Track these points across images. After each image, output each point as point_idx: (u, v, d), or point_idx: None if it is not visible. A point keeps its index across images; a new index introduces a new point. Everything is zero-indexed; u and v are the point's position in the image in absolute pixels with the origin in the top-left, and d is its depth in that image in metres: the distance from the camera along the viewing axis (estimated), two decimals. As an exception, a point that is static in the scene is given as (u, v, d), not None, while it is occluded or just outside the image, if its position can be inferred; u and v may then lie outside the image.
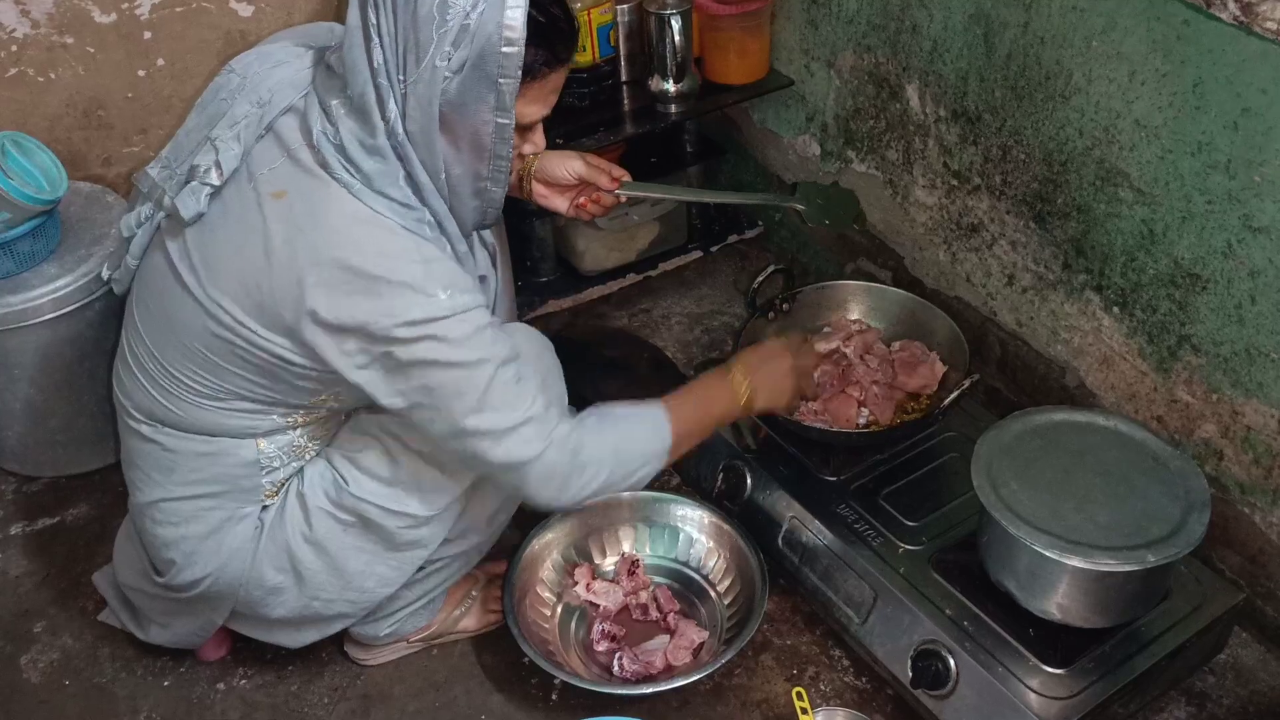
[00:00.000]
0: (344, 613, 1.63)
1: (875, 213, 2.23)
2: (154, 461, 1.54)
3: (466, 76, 1.28)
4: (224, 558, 1.55)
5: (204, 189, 1.39)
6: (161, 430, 1.52)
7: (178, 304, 1.43)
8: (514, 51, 1.27)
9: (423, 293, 1.33)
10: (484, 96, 1.30)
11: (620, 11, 2.19)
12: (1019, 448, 1.58)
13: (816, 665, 1.77)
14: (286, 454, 1.54)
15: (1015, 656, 1.55)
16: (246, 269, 1.36)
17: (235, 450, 1.51)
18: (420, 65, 1.27)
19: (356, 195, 1.33)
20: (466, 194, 1.40)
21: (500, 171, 1.38)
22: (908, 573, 1.66)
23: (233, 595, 1.59)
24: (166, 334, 1.46)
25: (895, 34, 1.99)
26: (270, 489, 1.56)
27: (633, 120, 2.23)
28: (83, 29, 2.14)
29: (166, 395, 1.49)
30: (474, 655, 1.82)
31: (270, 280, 1.35)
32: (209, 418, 1.49)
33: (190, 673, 1.80)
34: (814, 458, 1.84)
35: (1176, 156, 1.58)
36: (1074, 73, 1.68)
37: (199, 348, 1.43)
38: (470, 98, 1.30)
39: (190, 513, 1.54)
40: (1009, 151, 1.85)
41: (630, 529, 1.88)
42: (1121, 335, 1.78)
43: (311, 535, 1.54)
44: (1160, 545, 1.43)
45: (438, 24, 1.25)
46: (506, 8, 1.25)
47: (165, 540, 1.56)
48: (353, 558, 1.56)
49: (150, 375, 1.49)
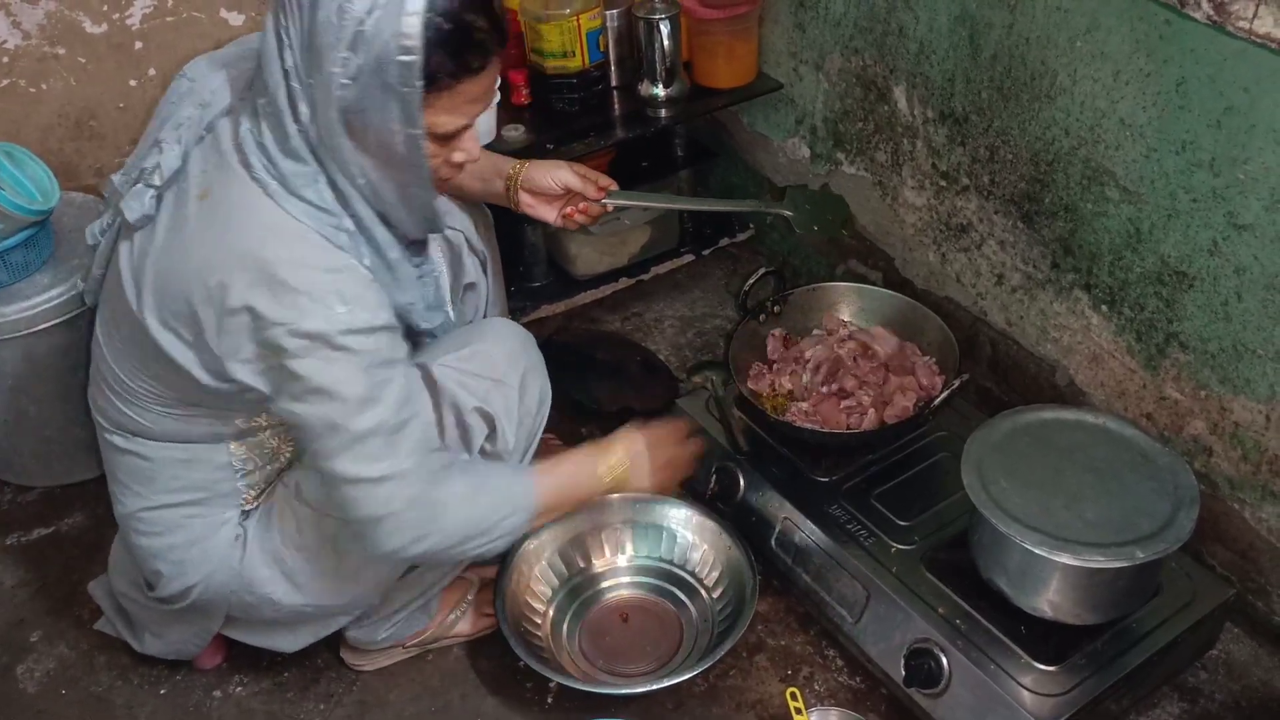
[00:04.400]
0: (338, 614, 1.64)
1: (865, 214, 2.24)
2: (132, 472, 1.55)
3: (364, 84, 1.24)
4: (212, 565, 1.55)
5: (148, 191, 1.38)
6: (135, 440, 1.52)
7: (125, 312, 1.42)
8: (412, 60, 1.22)
9: (320, 303, 1.29)
10: (386, 105, 1.25)
11: (609, 17, 2.20)
12: (1009, 446, 1.58)
13: (811, 665, 1.78)
14: (260, 456, 1.54)
15: (1007, 654, 1.55)
16: (171, 273, 1.36)
17: (209, 455, 1.51)
18: (321, 70, 1.24)
19: (272, 196, 1.31)
20: (394, 201, 1.36)
21: (423, 180, 1.34)
22: (900, 572, 1.67)
23: (224, 602, 1.59)
24: (120, 343, 1.46)
25: (882, 36, 2.00)
26: (249, 492, 1.56)
27: (623, 125, 2.24)
28: (74, 40, 2.14)
29: (131, 406, 1.49)
30: (469, 660, 1.82)
31: (188, 281, 1.33)
32: (174, 426, 1.49)
33: (186, 681, 1.80)
34: (806, 459, 1.85)
35: (1161, 155, 1.59)
36: (1059, 73, 1.69)
37: (149, 359, 1.43)
38: (371, 106, 1.25)
39: (173, 521, 1.55)
40: (996, 152, 1.86)
41: (620, 530, 1.89)
42: (1110, 333, 1.79)
43: (302, 541, 1.55)
44: (1149, 541, 1.44)
45: (335, 29, 1.22)
46: (403, 14, 1.21)
47: (151, 551, 1.57)
48: (345, 557, 1.56)
49: (113, 387, 1.49)
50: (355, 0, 1.21)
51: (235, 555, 1.56)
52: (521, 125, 2.18)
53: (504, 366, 1.58)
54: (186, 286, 1.34)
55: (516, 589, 1.80)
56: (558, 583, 1.85)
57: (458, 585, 1.82)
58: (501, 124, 2.18)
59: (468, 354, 1.56)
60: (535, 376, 1.62)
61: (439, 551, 1.46)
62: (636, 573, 1.89)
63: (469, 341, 1.58)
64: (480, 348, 1.57)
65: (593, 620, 1.84)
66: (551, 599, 1.84)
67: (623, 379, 2.22)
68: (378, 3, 1.21)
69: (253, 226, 1.31)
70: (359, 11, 1.21)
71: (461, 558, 1.53)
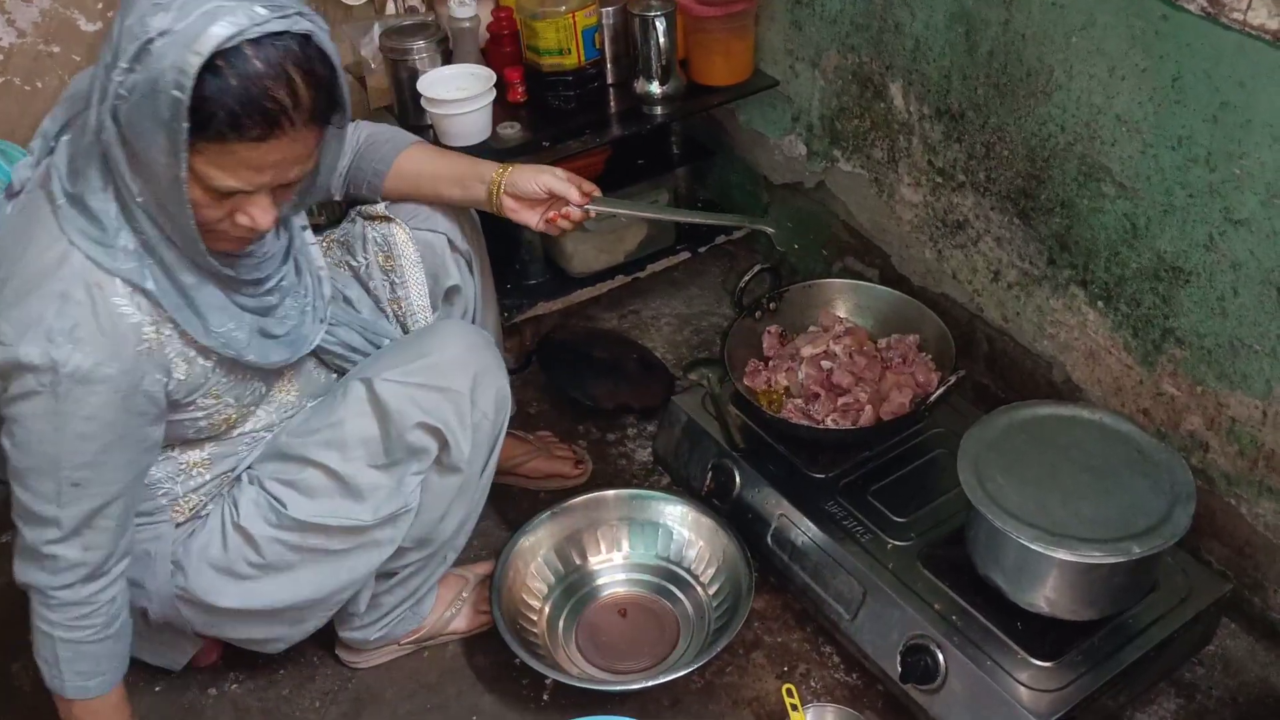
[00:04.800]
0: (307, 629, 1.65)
1: (862, 211, 2.23)
2: None
3: (136, 103, 1.17)
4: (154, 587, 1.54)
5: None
6: None
7: None
8: (181, 98, 1.14)
9: (45, 339, 1.23)
10: (154, 135, 1.17)
11: (605, 14, 2.20)
12: (1005, 443, 1.58)
13: (807, 662, 1.78)
14: (173, 475, 1.51)
15: (1004, 650, 1.55)
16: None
17: None
18: (109, 72, 1.18)
19: (56, 210, 1.27)
20: (168, 226, 1.27)
21: (185, 222, 1.24)
22: (896, 568, 1.67)
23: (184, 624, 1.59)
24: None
25: (878, 33, 2.00)
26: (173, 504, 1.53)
27: (619, 122, 2.23)
28: (69, 37, 2.14)
29: None
30: (465, 656, 1.82)
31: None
32: None
33: (182, 678, 1.80)
34: (802, 455, 1.84)
35: (1157, 151, 1.59)
36: (1055, 69, 1.69)
37: None
38: (139, 128, 1.18)
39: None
40: (992, 148, 1.86)
41: (615, 527, 1.88)
42: (1107, 329, 1.79)
43: (262, 560, 1.53)
44: (1145, 537, 1.44)
45: (131, 37, 1.15)
46: (190, 50, 1.13)
47: None
48: (307, 575, 1.55)
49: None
50: (157, 16, 1.15)
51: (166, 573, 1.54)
52: (517, 123, 2.18)
53: (452, 373, 1.52)
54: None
55: (512, 586, 1.80)
56: (554, 579, 1.85)
57: (453, 582, 1.82)
58: (497, 121, 2.17)
59: (415, 366, 1.51)
60: (489, 378, 1.56)
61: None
62: (633, 570, 1.89)
63: (417, 351, 1.55)
64: (428, 357, 1.53)
65: (589, 617, 1.84)
66: (547, 596, 1.84)
67: (619, 376, 2.22)
68: (174, 28, 1.14)
69: (19, 239, 1.28)
70: (155, 28, 1.14)
71: None
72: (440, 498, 1.59)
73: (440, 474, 1.57)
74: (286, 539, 1.53)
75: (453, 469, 1.57)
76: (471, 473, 1.59)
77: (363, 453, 1.51)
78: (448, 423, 1.52)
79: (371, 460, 1.51)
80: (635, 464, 2.14)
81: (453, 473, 1.57)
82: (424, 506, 1.58)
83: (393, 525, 1.56)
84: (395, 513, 1.55)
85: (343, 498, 1.52)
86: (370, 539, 1.56)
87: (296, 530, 1.53)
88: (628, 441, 2.19)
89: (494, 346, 1.62)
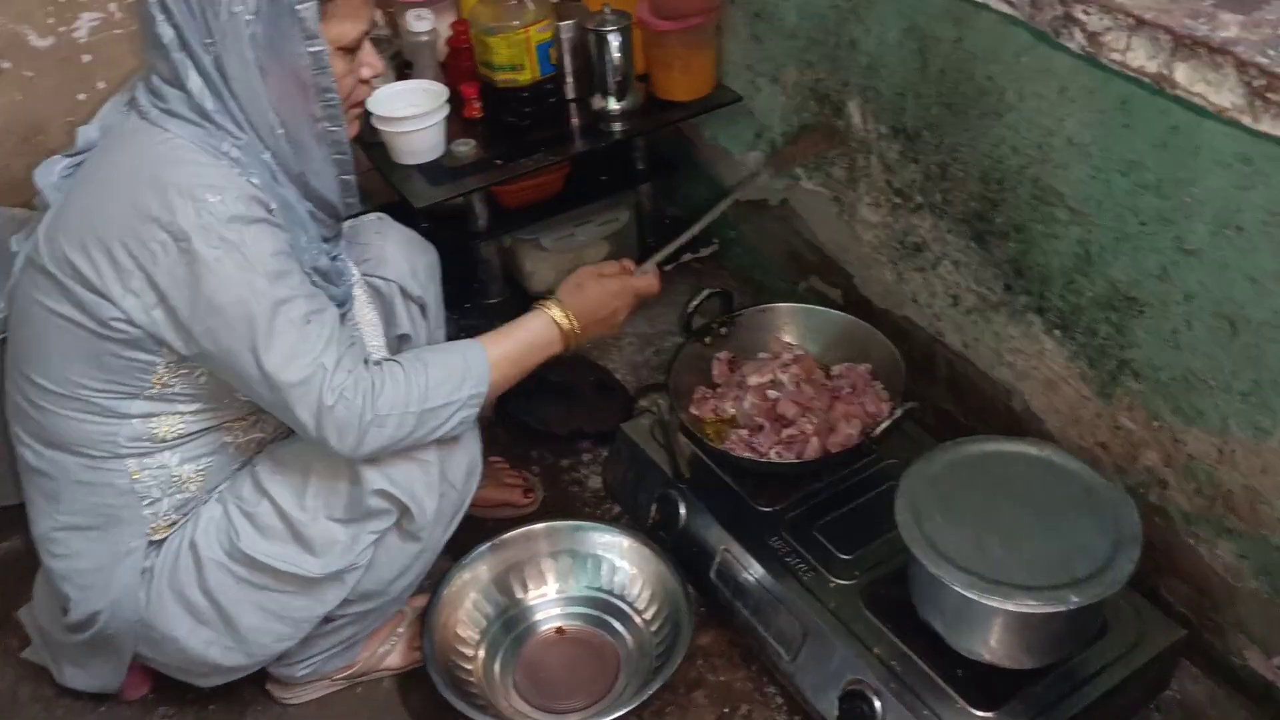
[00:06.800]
0: (241, 664, 1.59)
1: (824, 231, 2.17)
2: (41, 489, 1.51)
3: (266, 15, 1.27)
4: (114, 594, 1.51)
5: (61, 160, 1.41)
6: (42, 456, 1.48)
7: (28, 290, 1.41)
8: None
9: (189, 198, 1.27)
10: (289, 31, 1.28)
11: (562, 28, 2.15)
12: (946, 480, 1.52)
13: (750, 703, 1.72)
14: (165, 485, 1.49)
15: (942, 698, 1.49)
16: (66, 214, 1.35)
17: (111, 479, 1.47)
18: (220, 20, 1.26)
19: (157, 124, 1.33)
20: (310, 143, 1.37)
21: (332, 106, 1.36)
22: (837, 608, 1.61)
23: (130, 637, 1.55)
24: (21, 336, 1.44)
25: (834, 49, 1.94)
26: (157, 523, 1.51)
27: (577, 138, 2.18)
28: (19, 53, 2.11)
29: (32, 405, 1.46)
30: (400, 694, 1.77)
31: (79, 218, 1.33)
32: (67, 427, 1.44)
33: (111, 712, 1.76)
34: (748, 488, 1.78)
35: (1108, 175, 1.52)
36: (1006, 89, 1.62)
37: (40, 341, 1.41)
38: (277, 35, 1.28)
39: (78, 545, 1.51)
40: (947, 169, 1.79)
41: (553, 560, 1.83)
42: (1063, 359, 1.72)
43: (205, 584, 1.50)
44: (1085, 585, 1.37)
45: None
46: None
47: (59, 573, 1.54)
48: (246, 612, 1.52)
49: (19, 386, 1.47)
50: None
51: (141, 587, 1.52)
52: (473, 140, 2.13)
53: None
54: (76, 222, 1.33)
55: (447, 623, 1.74)
56: (492, 613, 1.80)
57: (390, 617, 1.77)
58: (452, 138, 2.13)
59: None
60: (463, 449, 1.53)
61: (396, 441, 1.40)
62: (573, 603, 1.83)
63: None
64: None
65: (527, 653, 1.79)
66: (485, 630, 1.78)
67: (574, 400, 2.16)
68: None
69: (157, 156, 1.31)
70: None
71: (424, 442, 1.44)
72: (395, 559, 1.57)
73: (400, 538, 1.55)
74: (233, 569, 1.50)
75: (412, 536, 1.54)
76: (431, 540, 1.57)
77: (322, 504, 1.48)
78: (414, 493, 1.49)
79: (329, 513, 1.49)
80: (588, 491, 2.09)
81: (412, 540, 1.55)
82: (377, 564, 1.55)
83: (339, 581, 1.53)
84: (344, 569, 1.51)
85: (294, 544, 1.49)
86: (315, 590, 1.53)
87: (245, 564, 1.50)
88: (581, 468, 2.14)
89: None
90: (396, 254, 1.70)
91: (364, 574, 1.53)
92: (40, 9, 2.09)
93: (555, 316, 1.58)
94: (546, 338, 1.57)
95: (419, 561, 1.59)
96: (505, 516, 1.99)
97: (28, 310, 1.41)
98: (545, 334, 1.57)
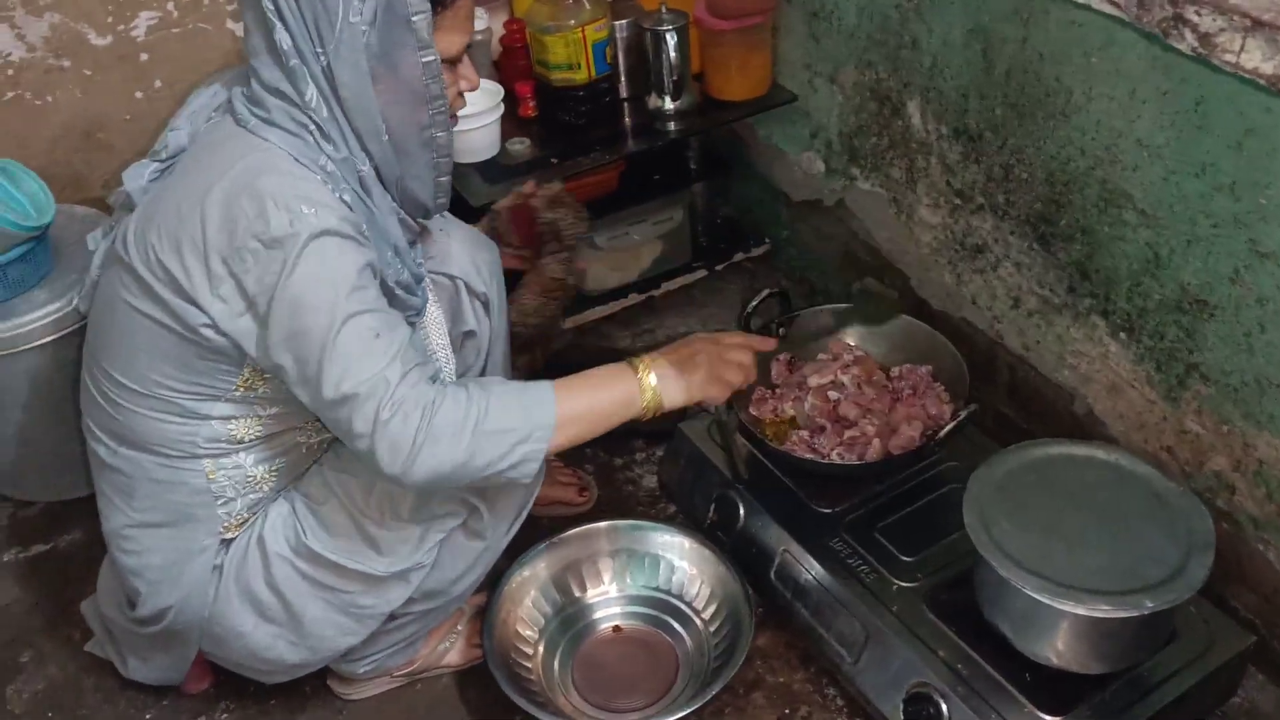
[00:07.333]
0: (305, 660, 1.60)
1: (881, 232, 2.16)
2: (115, 486, 1.53)
3: (382, 24, 1.29)
4: (184, 590, 1.52)
5: (150, 164, 1.42)
6: (118, 454, 1.49)
7: (113, 288, 1.41)
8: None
9: (285, 209, 1.27)
10: (404, 40, 1.31)
11: (617, 28, 2.15)
12: (1014, 484, 1.51)
13: (809, 704, 1.71)
14: (240, 485, 1.51)
15: (1010, 702, 1.48)
16: (158, 216, 1.35)
17: (187, 479, 1.48)
18: (336, 29, 1.28)
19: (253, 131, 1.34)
20: (415, 149, 1.39)
21: (441, 113, 1.38)
22: (901, 611, 1.60)
23: (197, 630, 1.56)
24: (104, 332, 1.45)
25: (895, 49, 1.93)
26: (229, 521, 1.52)
27: (631, 138, 2.18)
28: (79, 51, 2.13)
29: (111, 403, 1.46)
30: (458, 690, 1.78)
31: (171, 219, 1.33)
32: (146, 426, 1.45)
33: (172, 706, 1.78)
34: (808, 489, 1.78)
35: (1180, 178, 1.50)
36: (1074, 90, 1.61)
37: (124, 339, 1.41)
38: (391, 45, 1.31)
39: (150, 542, 1.52)
40: (1011, 170, 1.78)
41: (611, 559, 1.83)
42: (1129, 362, 1.71)
43: (271, 580, 1.51)
44: (1159, 590, 1.36)
45: None
46: None
47: (130, 568, 1.55)
48: (310, 607, 1.53)
49: (98, 383, 1.48)
50: None
51: (211, 584, 1.53)
52: (527, 139, 2.14)
53: None
54: (170, 225, 1.34)
55: (507, 620, 1.75)
56: (550, 612, 1.80)
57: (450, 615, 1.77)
58: (506, 137, 2.13)
59: None
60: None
61: (450, 465, 1.31)
62: (631, 602, 1.83)
63: None
64: None
65: (585, 651, 1.79)
66: (543, 629, 1.78)
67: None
68: None
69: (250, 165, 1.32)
70: None
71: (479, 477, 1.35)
72: (460, 558, 1.58)
73: (465, 536, 1.56)
74: (299, 565, 1.51)
75: (478, 535, 1.56)
76: (495, 538, 1.58)
77: (388, 505, 1.49)
78: (482, 492, 1.50)
79: (395, 514, 1.49)
80: (642, 490, 2.09)
81: (477, 538, 1.56)
82: (441, 563, 1.56)
83: (405, 580, 1.54)
84: (410, 569, 1.53)
85: (361, 542, 1.50)
86: (381, 588, 1.53)
87: (310, 560, 1.51)
88: (635, 467, 2.14)
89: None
90: (460, 251, 1.70)
91: (429, 573, 1.54)
92: (100, 7, 2.11)
93: (639, 374, 1.47)
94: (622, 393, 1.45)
95: (483, 560, 1.60)
96: (560, 515, 2.00)
97: (112, 307, 1.43)
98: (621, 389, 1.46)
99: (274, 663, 1.59)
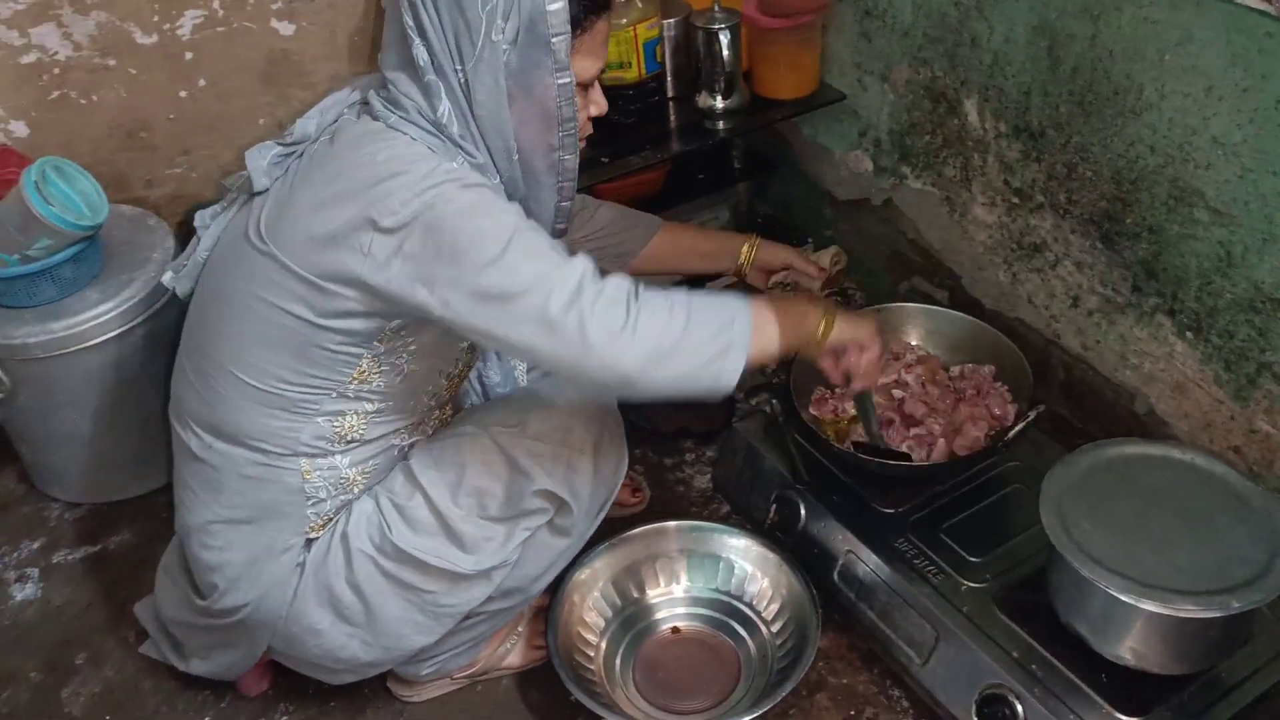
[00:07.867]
0: (378, 660, 1.59)
1: (931, 231, 2.15)
2: (202, 480, 1.50)
3: (522, 45, 1.29)
4: (264, 587, 1.51)
5: (274, 145, 1.42)
6: (211, 448, 1.47)
7: (230, 275, 1.41)
8: (559, 7, 1.28)
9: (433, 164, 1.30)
10: (542, 61, 1.30)
11: (666, 26, 2.14)
12: (1090, 484, 1.50)
13: (875, 706, 1.70)
14: (333, 486, 1.50)
15: (1087, 703, 1.47)
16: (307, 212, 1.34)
17: (281, 477, 1.47)
18: (477, 47, 1.29)
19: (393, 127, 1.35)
20: (542, 171, 1.39)
21: (570, 136, 1.37)
22: (971, 612, 1.59)
23: (271, 628, 1.55)
24: (215, 321, 1.44)
25: (953, 47, 1.91)
26: (316, 521, 1.51)
27: (679, 137, 2.17)
28: (124, 50, 2.12)
29: (212, 394, 1.45)
30: (519, 691, 1.77)
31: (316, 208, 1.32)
32: (250, 420, 1.43)
33: (231, 708, 1.77)
34: (871, 489, 1.77)
35: (1258, 176, 1.49)
36: (1145, 87, 1.60)
37: (241, 328, 1.40)
38: (530, 65, 1.30)
39: (234, 538, 1.51)
40: (1074, 169, 1.77)
41: (675, 560, 1.82)
42: (1195, 361, 1.70)
43: (352, 577, 1.50)
44: (1245, 590, 1.35)
45: (483, 2, 1.27)
46: None
47: (209, 564, 1.53)
48: (390, 605, 1.52)
49: (200, 372, 1.46)
50: None
51: (291, 582, 1.52)
52: (577, 138, 2.12)
53: (581, 438, 1.51)
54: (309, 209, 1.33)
55: (569, 620, 1.74)
56: (611, 613, 1.79)
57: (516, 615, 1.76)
58: (556, 136, 2.12)
59: (546, 427, 1.50)
60: (614, 445, 1.55)
61: (668, 340, 1.27)
62: (693, 604, 1.82)
63: (546, 409, 1.53)
64: (558, 417, 1.52)
65: (647, 652, 1.78)
66: (604, 630, 1.78)
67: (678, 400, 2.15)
68: None
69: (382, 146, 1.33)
70: None
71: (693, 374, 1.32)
72: (543, 556, 1.58)
73: (550, 533, 1.56)
74: (382, 563, 1.50)
75: (563, 531, 1.56)
76: (578, 535, 1.58)
77: (475, 503, 1.49)
78: (574, 487, 1.51)
79: (483, 512, 1.49)
80: (694, 491, 2.08)
81: (562, 535, 1.56)
82: (524, 561, 1.56)
83: (487, 579, 1.54)
84: (494, 566, 1.52)
85: (446, 539, 1.50)
86: (463, 586, 1.53)
87: (394, 557, 1.50)
88: (686, 467, 2.13)
89: (616, 409, 1.59)
90: None
91: (510, 570, 1.53)
92: (147, 6, 2.09)
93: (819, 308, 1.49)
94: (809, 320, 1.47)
95: (563, 558, 1.60)
96: (614, 515, 1.98)
97: (228, 296, 1.41)
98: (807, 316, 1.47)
99: (346, 662, 1.58)
